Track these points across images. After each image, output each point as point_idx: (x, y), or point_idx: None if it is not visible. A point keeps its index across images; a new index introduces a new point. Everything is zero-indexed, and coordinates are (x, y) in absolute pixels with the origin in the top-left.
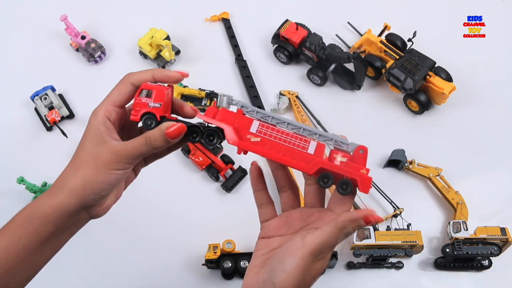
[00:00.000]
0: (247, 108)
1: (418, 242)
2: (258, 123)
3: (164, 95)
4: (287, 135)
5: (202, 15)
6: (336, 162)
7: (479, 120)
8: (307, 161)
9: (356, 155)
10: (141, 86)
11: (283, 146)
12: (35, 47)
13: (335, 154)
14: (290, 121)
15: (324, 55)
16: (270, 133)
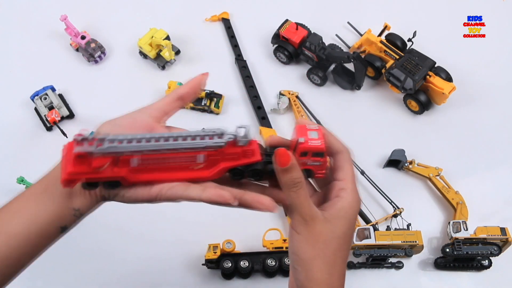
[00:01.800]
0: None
1: (418, 242)
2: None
3: None
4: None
5: (202, 15)
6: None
7: (479, 120)
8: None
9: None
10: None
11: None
12: (35, 47)
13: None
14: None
15: (324, 55)
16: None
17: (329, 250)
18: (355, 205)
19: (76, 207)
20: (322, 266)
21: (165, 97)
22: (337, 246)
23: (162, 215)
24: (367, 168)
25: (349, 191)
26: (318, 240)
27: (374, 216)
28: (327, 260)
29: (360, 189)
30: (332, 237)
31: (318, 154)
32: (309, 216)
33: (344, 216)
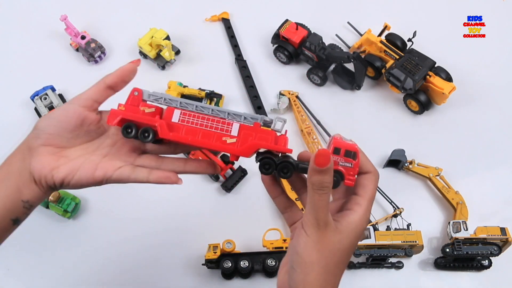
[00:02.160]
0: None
1: (418, 242)
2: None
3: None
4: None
5: (202, 15)
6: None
7: (479, 120)
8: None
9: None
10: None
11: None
12: (35, 47)
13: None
14: (211, 106)
15: (324, 55)
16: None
17: (332, 260)
18: (364, 222)
19: (25, 199)
20: (322, 273)
21: (94, 86)
22: (340, 257)
23: (162, 215)
24: None
25: (363, 207)
26: (325, 248)
27: (374, 216)
28: (328, 268)
29: None
30: (338, 248)
31: (350, 154)
32: (324, 222)
33: (354, 230)
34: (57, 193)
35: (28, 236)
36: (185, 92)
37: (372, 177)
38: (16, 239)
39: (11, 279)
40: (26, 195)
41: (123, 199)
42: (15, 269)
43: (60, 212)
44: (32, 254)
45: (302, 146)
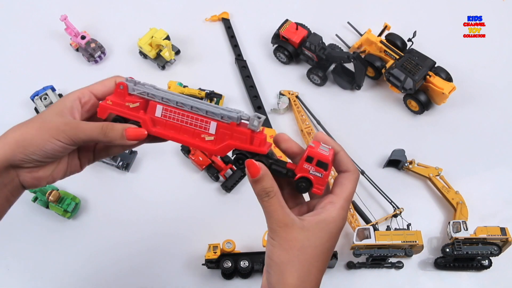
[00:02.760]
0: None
1: (418, 242)
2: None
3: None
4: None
5: (202, 15)
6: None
7: (479, 120)
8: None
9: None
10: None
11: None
12: (35, 47)
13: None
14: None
15: (324, 55)
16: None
17: (304, 257)
18: (339, 221)
19: (12, 203)
20: (295, 272)
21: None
22: (313, 255)
23: (162, 215)
24: (367, 168)
25: (337, 206)
26: (293, 246)
27: (374, 216)
28: (300, 267)
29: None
30: (308, 245)
31: (322, 165)
32: (283, 223)
33: (324, 228)
34: (57, 193)
35: (28, 236)
36: (185, 92)
37: (351, 176)
38: (16, 239)
39: (11, 279)
40: (13, 200)
41: (123, 199)
42: (15, 269)
43: (60, 212)
44: (32, 254)
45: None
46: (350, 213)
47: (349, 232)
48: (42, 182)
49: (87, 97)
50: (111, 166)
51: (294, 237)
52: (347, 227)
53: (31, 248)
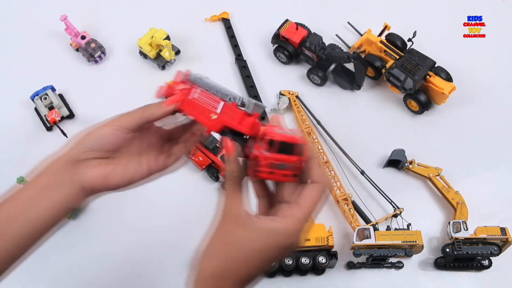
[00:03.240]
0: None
1: (418, 242)
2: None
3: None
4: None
5: (202, 15)
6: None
7: (479, 120)
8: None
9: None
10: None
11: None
12: (35, 47)
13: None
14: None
15: (324, 55)
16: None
17: (236, 256)
18: (291, 237)
19: (70, 207)
20: (220, 267)
21: (134, 112)
22: (247, 257)
23: (162, 215)
24: (367, 168)
25: (295, 220)
26: (229, 241)
27: (374, 216)
28: (227, 264)
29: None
30: (245, 246)
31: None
32: (228, 211)
33: (272, 238)
34: None
35: None
36: None
37: (316, 189)
38: None
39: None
40: (72, 203)
41: (124, 199)
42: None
43: None
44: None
45: None
46: (350, 213)
47: (349, 232)
48: (102, 180)
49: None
50: None
51: (235, 232)
52: (347, 227)
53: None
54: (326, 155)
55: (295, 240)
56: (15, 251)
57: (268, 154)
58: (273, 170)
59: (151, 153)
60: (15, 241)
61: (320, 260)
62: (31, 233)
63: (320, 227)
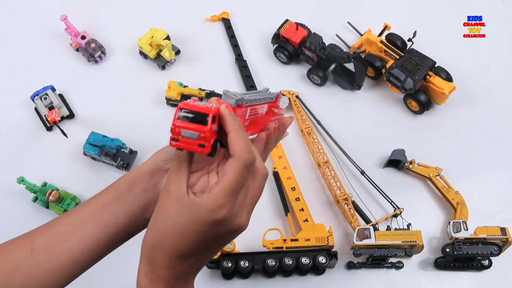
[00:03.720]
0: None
1: (418, 242)
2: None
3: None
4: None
5: (202, 15)
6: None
7: (479, 120)
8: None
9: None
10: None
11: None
12: (35, 47)
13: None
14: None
15: (324, 55)
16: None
17: (163, 229)
18: (212, 212)
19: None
20: (151, 238)
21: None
22: (172, 230)
23: None
24: (367, 168)
25: (213, 197)
26: (159, 214)
27: (374, 216)
28: (158, 236)
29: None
30: (173, 220)
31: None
32: (167, 187)
33: (196, 214)
34: (57, 193)
35: None
36: (185, 92)
37: (232, 163)
38: None
39: None
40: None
41: None
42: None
43: (61, 212)
44: None
45: (302, 146)
46: (350, 213)
47: (349, 232)
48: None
49: None
50: (111, 166)
51: (166, 206)
52: (347, 227)
53: None
54: (326, 155)
55: (222, 216)
56: (84, 257)
57: (175, 122)
58: (179, 138)
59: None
60: (86, 246)
61: (320, 260)
62: (104, 240)
63: (320, 227)
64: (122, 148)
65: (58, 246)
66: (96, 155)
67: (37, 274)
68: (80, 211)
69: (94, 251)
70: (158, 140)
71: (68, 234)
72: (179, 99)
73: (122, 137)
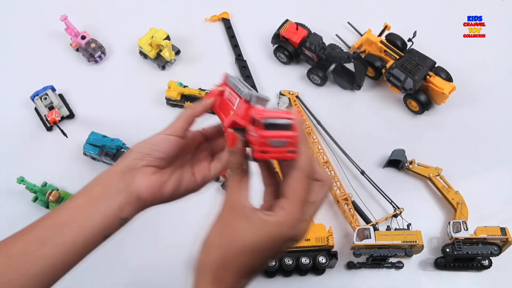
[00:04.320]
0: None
1: (418, 242)
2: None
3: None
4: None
5: (202, 15)
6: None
7: (479, 120)
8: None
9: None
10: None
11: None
12: (35, 47)
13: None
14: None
15: (324, 55)
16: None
17: (232, 247)
18: (284, 229)
19: (124, 216)
20: (218, 257)
21: (181, 117)
22: (242, 249)
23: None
24: (367, 168)
25: (286, 213)
26: (227, 231)
27: (374, 216)
28: (226, 254)
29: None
30: (242, 238)
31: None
32: (231, 203)
33: (267, 231)
34: (57, 193)
35: None
36: (185, 92)
37: (299, 175)
38: None
39: None
40: (126, 212)
41: None
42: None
43: None
44: None
45: None
46: (350, 213)
47: (349, 232)
48: (157, 189)
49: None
50: None
51: (234, 223)
52: (347, 227)
53: None
54: (326, 155)
55: (293, 232)
56: (62, 261)
57: (256, 134)
58: (266, 149)
59: (202, 163)
60: (64, 249)
61: (320, 260)
62: (81, 243)
63: (320, 227)
64: (122, 148)
65: (35, 252)
66: (96, 155)
67: (15, 281)
68: (56, 215)
69: (72, 255)
70: None
71: (45, 239)
72: (179, 99)
73: (122, 137)
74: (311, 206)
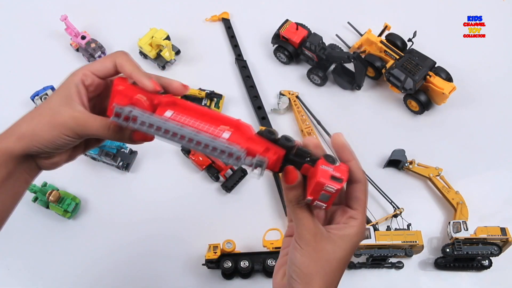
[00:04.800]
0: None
1: (418, 242)
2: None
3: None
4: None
5: (202, 15)
6: None
7: (479, 120)
8: None
9: None
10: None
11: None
12: (35, 47)
13: None
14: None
15: (324, 55)
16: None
17: (330, 268)
18: (360, 235)
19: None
20: (322, 282)
21: (82, 77)
22: (337, 266)
23: (162, 215)
24: (367, 168)
25: (359, 222)
26: (321, 258)
27: (374, 216)
28: (327, 277)
29: None
30: (333, 257)
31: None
32: (313, 232)
33: (349, 242)
34: (57, 193)
35: (28, 236)
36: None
37: (362, 187)
38: (16, 239)
39: (11, 279)
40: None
41: (123, 199)
42: (15, 269)
43: (60, 212)
44: (32, 254)
45: None
46: None
47: None
48: (59, 164)
49: (90, 80)
50: (111, 166)
51: (322, 248)
52: None
53: (31, 248)
54: None
55: (362, 238)
56: None
57: (333, 185)
58: (321, 202)
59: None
60: None
61: None
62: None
63: None
64: (122, 148)
65: None
66: (96, 155)
67: None
68: None
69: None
70: (157, 140)
71: None
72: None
73: None
74: None
